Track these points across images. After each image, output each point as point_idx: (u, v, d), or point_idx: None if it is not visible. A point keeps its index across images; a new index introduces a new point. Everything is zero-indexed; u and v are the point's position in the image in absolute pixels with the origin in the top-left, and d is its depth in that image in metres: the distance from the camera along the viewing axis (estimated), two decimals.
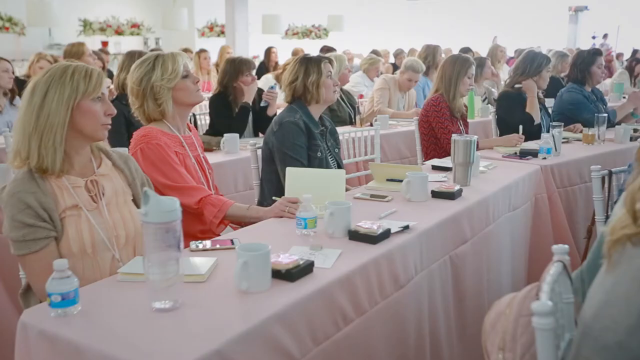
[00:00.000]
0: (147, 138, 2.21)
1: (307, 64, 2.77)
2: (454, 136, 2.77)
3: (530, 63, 4.05)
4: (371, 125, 4.41)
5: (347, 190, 2.87)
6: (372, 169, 2.81)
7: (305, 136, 2.71)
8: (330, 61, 2.84)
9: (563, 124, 3.81)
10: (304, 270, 1.65)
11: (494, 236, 2.72)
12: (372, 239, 1.94)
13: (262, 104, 3.99)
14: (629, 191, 1.19)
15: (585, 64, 4.58)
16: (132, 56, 3.29)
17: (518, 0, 16.23)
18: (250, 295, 1.52)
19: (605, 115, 4.01)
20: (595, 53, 4.69)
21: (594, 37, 15.30)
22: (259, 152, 2.91)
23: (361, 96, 5.97)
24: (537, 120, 4.02)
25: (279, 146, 2.70)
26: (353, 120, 4.64)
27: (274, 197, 2.33)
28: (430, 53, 5.75)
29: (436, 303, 2.23)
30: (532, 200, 3.25)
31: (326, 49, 6.27)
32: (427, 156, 3.89)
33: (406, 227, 2.07)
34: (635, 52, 11.42)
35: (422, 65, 5.11)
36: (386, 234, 1.98)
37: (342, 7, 13.48)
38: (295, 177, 2.35)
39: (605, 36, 15.32)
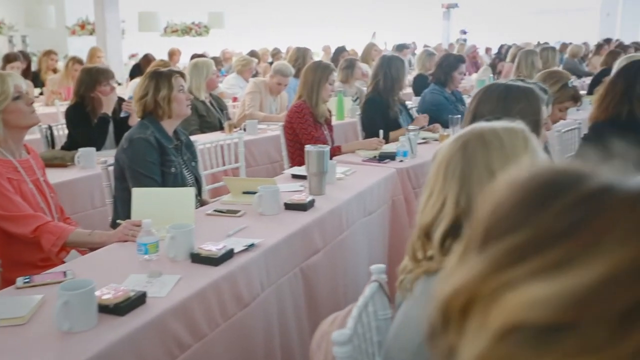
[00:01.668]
0: None
1: (157, 79, 2.72)
2: (307, 147, 2.83)
3: (388, 69, 4.19)
4: (244, 130, 4.40)
5: (206, 204, 2.87)
6: (227, 183, 2.81)
7: (157, 152, 2.67)
8: (182, 75, 2.81)
9: (418, 127, 4.01)
10: (134, 302, 1.63)
11: (348, 242, 2.81)
12: (213, 261, 1.95)
13: (122, 115, 3.86)
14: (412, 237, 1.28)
15: (450, 67, 4.83)
16: None
17: None
18: (74, 336, 1.48)
19: (459, 116, 4.25)
20: (459, 60, 4.97)
21: (464, 33, 16.14)
22: (111, 169, 2.83)
23: (235, 99, 5.94)
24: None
25: (129, 164, 2.64)
26: (223, 126, 4.60)
27: (118, 221, 2.27)
28: (300, 56, 5.82)
29: (287, 316, 2.28)
30: (390, 203, 3.39)
31: (196, 57, 6.16)
32: (293, 161, 3.95)
33: (251, 246, 2.10)
34: (501, 47, 12.14)
35: (291, 69, 5.16)
36: (229, 255, 2.00)
37: (223, 4, 13.29)
38: (142, 198, 2.31)
39: (463, 32, 16.22)
